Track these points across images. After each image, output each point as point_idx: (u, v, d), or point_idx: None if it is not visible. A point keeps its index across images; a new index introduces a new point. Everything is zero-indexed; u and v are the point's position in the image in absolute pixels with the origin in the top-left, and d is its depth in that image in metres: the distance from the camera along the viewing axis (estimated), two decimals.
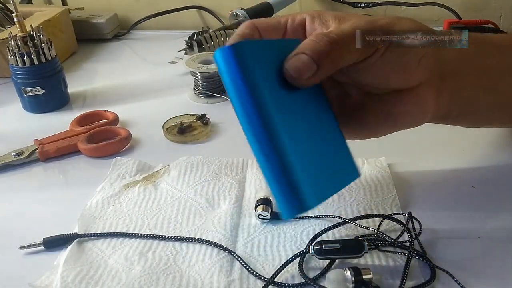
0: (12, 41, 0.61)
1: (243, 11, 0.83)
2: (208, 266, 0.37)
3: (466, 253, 0.37)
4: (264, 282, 0.35)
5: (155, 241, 0.40)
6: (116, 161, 0.51)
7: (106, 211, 0.43)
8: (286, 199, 0.29)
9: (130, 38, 0.94)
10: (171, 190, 0.46)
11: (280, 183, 0.29)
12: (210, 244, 0.39)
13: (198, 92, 0.66)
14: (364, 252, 0.35)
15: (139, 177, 0.48)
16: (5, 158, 0.52)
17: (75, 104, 0.67)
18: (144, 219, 0.42)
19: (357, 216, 0.39)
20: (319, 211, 0.42)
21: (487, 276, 0.35)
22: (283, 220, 0.41)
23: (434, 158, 0.49)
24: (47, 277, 0.36)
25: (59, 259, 0.38)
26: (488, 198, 0.43)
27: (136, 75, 0.76)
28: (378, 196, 0.43)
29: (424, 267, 0.36)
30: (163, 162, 0.50)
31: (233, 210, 0.42)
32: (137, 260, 0.38)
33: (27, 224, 0.43)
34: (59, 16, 0.82)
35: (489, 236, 0.38)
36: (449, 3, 0.85)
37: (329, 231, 0.39)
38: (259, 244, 0.39)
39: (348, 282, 0.33)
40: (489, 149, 0.51)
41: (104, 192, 0.46)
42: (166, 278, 0.36)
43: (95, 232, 0.41)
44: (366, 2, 0.90)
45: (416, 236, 0.38)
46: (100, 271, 0.37)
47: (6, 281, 0.37)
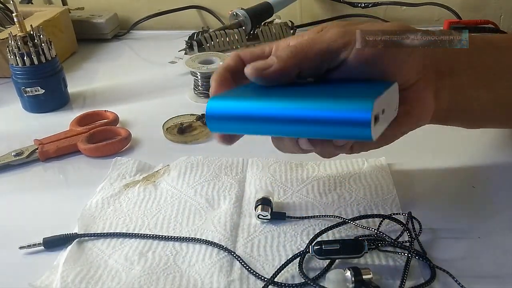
0: (12, 41, 0.61)
1: (243, 11, 0.83)
2: (208, 266, 0.37)
3: (466, 253, 0.37)
4: (264, 282, 0.35)
5: (155, 241, 0.40)
6: (116, 161, 0.51)
7: (106, 211, 0.43)
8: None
9: (130, 38, 0.94)
10: (171, 190, 0.46)
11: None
12: (210, 244, 0.39)
13: (198, 92, 0.66)
14: (364, 252, 0.35)
15: (139, 177, 0.48)
16: (5, 158, 0.52)
17: (75, 104, 0.67)
18: (144, 219, 0.42)
19: (357, 216, 0.39)
20: (319, 211, 0.42)
21: (487, 276, 0.35)
22: (283, 220, 0.41)
23: (434, 158, 0.49)
24: (47, 277, 0.36)
25: (59, 259, 0.38)
26: (488, 198, 0.43)
27: (136, 75, 0.77)
28: (378, 196, 0.43)
29: (424, 267, 0.36)
30: (163, 162, 0.50)
31: (233, 210, 0.42)
32: (137, 260, 0.38)
33: (27, 224, 0.43)
34: (59, 16, 0.82)
35: (489, 236, 0.38)
36: (449, 3, 0.85)
37: (329, 231, 0.39)
38: (259, 244, 0.39)
39: (348, 282, 0.33)
40: (489, 149, 0.51)
41: (104, 192, 0.46)
42: (166, 278, 0.36)
43: (95, 232, 0.41)
44: (366, 2, 0.90)
45: (416, 236, 0.38)
46: (100, 271, 0.37)
47: (6, 281, 0.37)
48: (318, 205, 0.43)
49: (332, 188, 0.45)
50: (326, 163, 0.48)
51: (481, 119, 0.44)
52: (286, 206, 0.43)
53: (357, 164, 0.48)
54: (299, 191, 0.45)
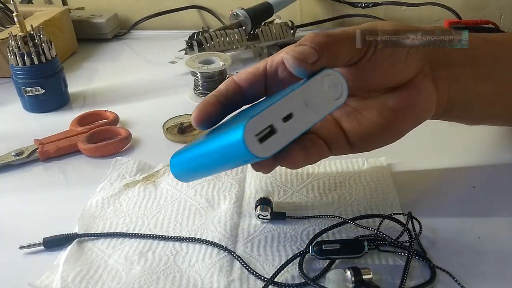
0: (12, 41, 0.61)
1: (243, 11, 0.83)
2: (208, 266, 0.37)
3: (466, 253, 0.37)
4: (264, 282, 0.35)
5: (155, 241, 0.40)
6: (116, 161, 0.51)
7: (106, 211, 0.43)
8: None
9: (130, 38, 0.94)
10: (171, 190, 0.46)
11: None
12: (210, 244, 0.39)
13: (198, 92, 0.66)
14: (364, 252, 0.35)
15: (139, 177, 0.48)
16: (5, 158, 0.52)
17: (75, 104, 0.67)
18: (144, 219, 0.42)
19: (357, 216, 0.39)
20: (319, 211, 0.42)
21: (487, 276, 0.35)
22: (283, 220, 0.41)
23: (434, 158, 0.49)
24: (47, 277, 0.36)
25: (59, 259, 0.38)
26: (488, 198, 0.43)
27: (136, 75, 0.76)
28: (378, 196, 0.43)
29: (424, 267, 0.36)
30: (163, 162, 0.50)
31: (233, 210, 0.42)
32: (137, 260, 0.38)
33: (26, 224, 0.43)
34: (60, 16, 0.82)
35: (489, 236, 0.38)
36: (449, 3, 0.85)
37: (329, 231, 0.39)
38: (259, 244, 0.39)
39: (348, 282, 0.33)
40: (489, 149, 0.51)
41: (104, 192, 0.46)
42: (166, 278, 0.36)
43: (95, 232, 0.41)
44: (366, 2, 0.90)
45: (416, 236, 0.38)
46: (100, 271, 0.37)
47: (6, 281, 0.37)
48: (318, 205, 0.43)
49: (332, 188, 0.45)
50: (326, 163, 0.48)
51: (482, 113, 0.44)
52: (286, 206, 0.43)
53: (357, 164, 0.48)
54: (299, 191, 0.45)
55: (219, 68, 0.64)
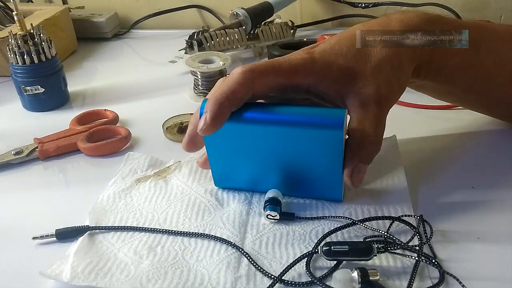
0: (12, 39, 0.61)
1: (243, 10, 0.83)
2: (216, 262, 0.37)
3: (466, 253, 0.37)
4: (271, 280, 0.35)
5: (164, 235, 0.40)
6: (129, 155, 0.51)
7: (117, 205, 0.44)
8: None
9: (130, 37, 0.94)
10: (182, 186, 0.46)
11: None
12: (219, 240, 0.39)
13: (198, 91, 0.66)
14: (373, 255, 0.35)
15: (151, 172, 0.48)
16: (5, 157, 0.52)
17: (75, 103, 0.67)
18: (154, 213, 0.43)
19: (367, 217, 0.39)
20: (329, 212, 0.41)
21: (487, 276, 0.35)
22: (292, 219, 0.41)
23: (434, 158, 0.49)
24: (58, 266, 0.36)
25: (70, 250, 0.38)
26: (488, 198, 0.43)
27: (136, 74, 0.77)
28: (389, 196, 0.42)
29: (433, 270, 0.35)
30: (174, 158, 0.50)
31: (242, 208, 0.42)
32: (146, 254, 0.38)
33: (26, 223, 0.43)
34: (60, 15, 0.82)
35: (490, 236, 0.38)
36: (449, 3, 0.85)
37: (338, 232, 0.38)
38: (268, 241, 0.39)
39: (354, 283, 0.33)
40: (489, 149, 0.51)
41: (116, 186, 0.46)
42: (174, 272, 0.36)
43: (106, 225, 0.41)
44: (366, 2, 0.90)
45: (427, 240, 0.37)
46: (109, 263, 0.37)
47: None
48: (328, 205, 0.42)
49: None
50: None
51: (451, 79, 0.45)
52: (295, 206, 0.43)
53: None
54: None
55: (219, 68, 0.64)
